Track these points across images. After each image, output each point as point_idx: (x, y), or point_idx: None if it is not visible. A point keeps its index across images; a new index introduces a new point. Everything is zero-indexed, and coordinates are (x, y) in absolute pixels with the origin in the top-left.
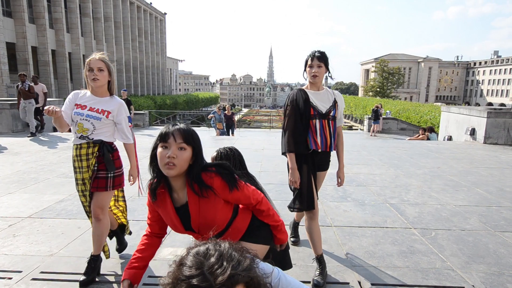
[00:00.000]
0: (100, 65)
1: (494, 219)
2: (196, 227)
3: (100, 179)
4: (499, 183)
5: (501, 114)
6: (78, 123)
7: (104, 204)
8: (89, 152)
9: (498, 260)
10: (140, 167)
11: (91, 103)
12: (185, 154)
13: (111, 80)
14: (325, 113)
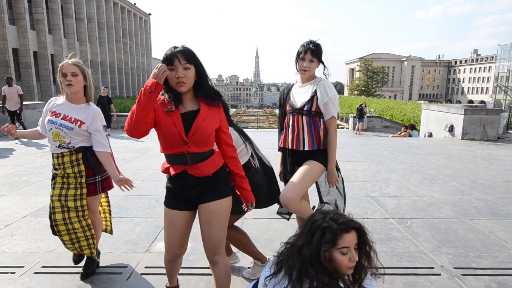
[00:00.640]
0: (73, 70)
1: (465, 208)
2: (192, 132)
3: (89, 185)
4: (473, 176)
5: (477, 111)
6: (53, 132)
7: (95, 207)
8: (73, 159)
9: (465, 243)
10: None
11: (65, 110)
12: (191, 72)
13: (88, 85)
14: (299, 107)
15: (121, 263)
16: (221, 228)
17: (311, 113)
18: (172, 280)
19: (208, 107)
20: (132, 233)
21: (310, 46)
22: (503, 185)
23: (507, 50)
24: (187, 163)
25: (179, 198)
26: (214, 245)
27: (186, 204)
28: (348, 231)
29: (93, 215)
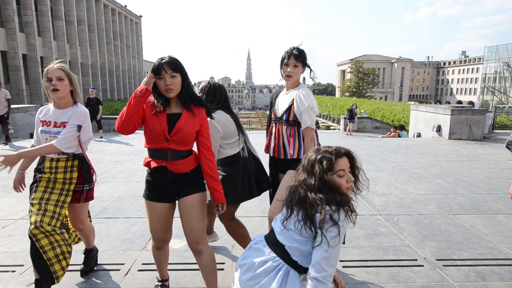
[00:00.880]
0: (59, 74)
1: (449, 205)
2: (174, 132)
3: (76, 192)
4: (458, 174)
5: (463, 111)
6: (49, 141)
7: (83, 217)
8: (68, 165)
9: (448, 237)
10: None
11: (54, 118)
12: (177, 80)
13: (74, 89)
14: (279, 116)
15: (118, 260)
16: (200, 219)
17: (289, 122)
18: (162, 273)
19: (189, 112)
20: (128, 232)
21: (294, 51)
22: (486, 183)
23: (493, 52)
24: (167, 159)
25: (159, 191)
26: (196, 236)
27: (165, 197)
28: (341, 156)
29: (83, 224)
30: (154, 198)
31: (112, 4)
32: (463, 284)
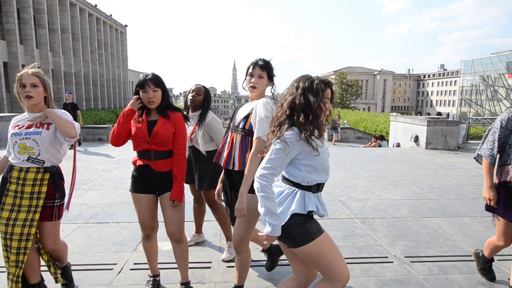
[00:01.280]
0: (33, 81)
1: (420, 209)
2: (152, 136)
3: (47, 208)
4: (431, 181)
5: (438, 122)
6: (19, 144)
7: (56, 237)
8: (38, 177)
9: (417, 237)
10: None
11: (28, 121)
12: (158, 94)
13: (48, 96)
14: (236, 125)
15: (111, 261)
16: (180, 212)
17: (244, 131)
18: (153, 268)
19: (165, 118)
20: (119, 236)
21: (259, 61)
22: (455, 189)
23: (469, 66)
24: (151, 159)
25: (142, 184)
26: (177, 227)
27: (148, 190)
28: (329, 87)
29: (57, 244)
30: (138, 190)
31: (97, 13)
32: (426, 277)
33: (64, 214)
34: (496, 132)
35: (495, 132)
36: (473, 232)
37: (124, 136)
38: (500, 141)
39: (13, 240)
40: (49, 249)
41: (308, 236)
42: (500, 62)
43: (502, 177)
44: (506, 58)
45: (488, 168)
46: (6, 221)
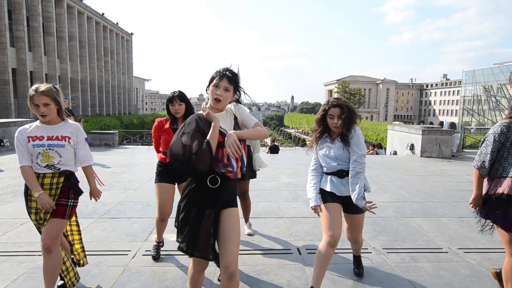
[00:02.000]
0: (45, 101)
1: (404, 210)
2: None
3: (60, 205)
4: (419, 186)
5: (433, 131)
6: (42, 154)
7: (57, 233)
8: (53, 182)
9: (396, 233)
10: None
11: (46, 132)
12: (183, 107)
13: (60, 108)
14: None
15: (125, 248)
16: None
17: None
18: (159, 237)
19: None
20: (131, 229)
21: (226, 73)
22: (441, 193)
23: (471, 76)
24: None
25: (167, 176)
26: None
27: (170, 180)
28: (334, 107)
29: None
30: (163, 181)
31: (104, 21)
32: (398, 264)
33: (81, 210)
34: (489, 145)
35: (487, 145)
36: (448, 230)
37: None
38: (493, 154)
39: None
40: (45, 245)
41: None
42: (502, 73)
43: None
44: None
45: (477, 179)
46: (37, 222)
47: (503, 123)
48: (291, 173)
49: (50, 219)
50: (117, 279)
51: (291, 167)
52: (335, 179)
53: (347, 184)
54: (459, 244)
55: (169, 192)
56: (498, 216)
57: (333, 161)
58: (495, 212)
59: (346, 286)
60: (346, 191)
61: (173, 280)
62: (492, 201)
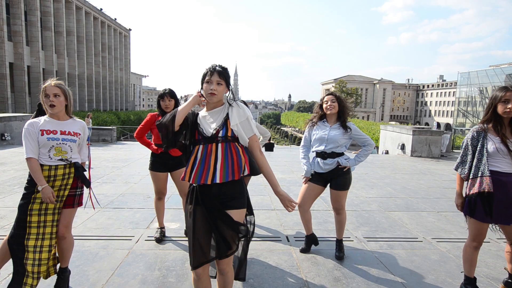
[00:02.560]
0: (56, 91)
1: (388, 205)
2: None
3: (69, 197)
4: (405, 183)
5: (423, 132)
6: (55, 148)
7: (68, 222)
8: (66, 172)
9: (377, 225)
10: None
11: (58, 127)
12: (172, 103)
13: (68, 104)
14: (211, 136)
15: (129, 234)
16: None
17: (227, 138)
18: (160, 222)
19: None
20: (133, 218)
21: (217, 68)
22: (424, 190)
23: (466, 78)
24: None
25: (161, 165)
26: (185, 191)
27: (164, 169)
28: (328, 94)
29: (68, 230)
30: (158, 169)
31: (102, 17)
32: (375, 251)
33: (85, 200)
34: (465, 150)
35: (465, 150)
36: (426, 222)
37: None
38: (470, 157)
39: (46, 227)
40: (60, 233)
41: None
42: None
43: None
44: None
45: (458, 180)
46: (38, 212)
47: (474, 128)
48: (284, 170)
49: (62, 210)
50: (123, 260)
51: (284, 164)
52: (319, 160)
53: (329, 163)
54: (434, 235)
55: (163, 180)
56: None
57: (323, 142)
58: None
59: (327, 267)
60: (328, 168)
61: (173, 261)
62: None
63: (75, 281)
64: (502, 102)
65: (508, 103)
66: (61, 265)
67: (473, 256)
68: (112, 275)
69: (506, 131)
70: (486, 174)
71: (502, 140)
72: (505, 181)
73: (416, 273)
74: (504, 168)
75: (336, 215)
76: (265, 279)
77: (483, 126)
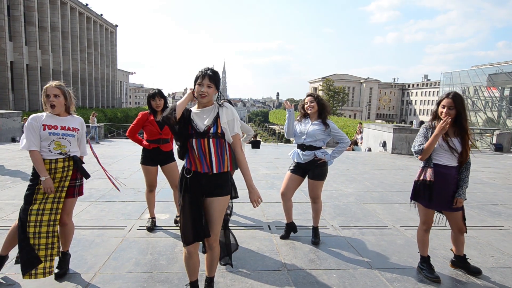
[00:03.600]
0: (56, 92)
1: (364, 198)
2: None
3: (70, 187)
4: (383, 179)
5: (403, 130)
6: (55, 142)
7: (71, 210)
8: (65, 165)
9: (352, 215)
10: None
11: (59, 122)
12: (162, 102)
13: (68, 103)
14: (203, 131)
15: (121, 224)
16: (176, 174)
17: (217, 135)
18: (151, 212)
19: None
20: (125, 210)
21: (208, 72)
22: (400, 184)
23: (448, 78)
24: (160, 143)
25: (152, 160)
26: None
27: (155, 163)
28: (308, 96)
29: (69, 218)
30: (149, 164)
31: (87, 12)
32: (348, 237)
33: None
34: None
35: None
36: (397, 213)
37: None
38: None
39: (44, 215)
40: (62, 220)
41: None
42: (477, 76)
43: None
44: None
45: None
46: (40, 201)
47: (425, 124)
48: (269, 166)
49: (64, 199)
50: (117, 246)
51: (270, 161)
52: (299, 151)
53: (307, 155)
54: (402, 223)
55: (154, 173)
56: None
57: (303, 135)
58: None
59: (304, 251)
60: (306, 158)
61: (164, 247)
62: (418, 185)
63: (75, 264)
64: (442, 106)
65: (444, 108)
66: (63, 248)
67: (425, 238)
68: (108, 259)
69: (448, 130)
70: (430, 165)
71: (444, 138)
72: (445, 173)
73: (382, 255)
74: (445, 162)
75: (312, 204)
76: (247, 261)
77: (431, 123)
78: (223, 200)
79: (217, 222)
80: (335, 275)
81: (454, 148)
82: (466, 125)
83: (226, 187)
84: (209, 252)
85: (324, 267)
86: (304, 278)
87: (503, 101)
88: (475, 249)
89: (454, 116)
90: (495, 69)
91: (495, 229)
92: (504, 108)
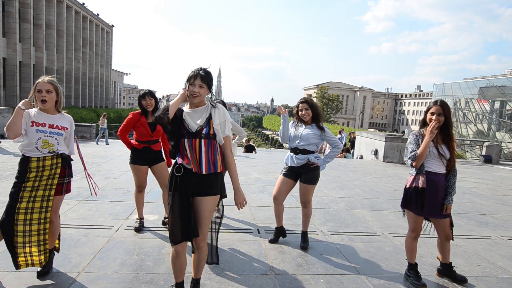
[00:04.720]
0: (48, 87)
1: (354, 204)
2: (154, 132)
3: (58, 185)
4: (373, 186)
5: (395, 139)
6: (42, 140)
7: (58, 207)
8: (53, 162)
9: (342, 221)
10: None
11: (47, 120)
12: (153, 102)
13: (58, 100)
14: (195, 131)
15: (109, 224)
16: (166, 175)
17: (209, 136)
18: (140, 213)
19: None
20: (113, 209)
21: (200, 72)
22: (390, 192)
23: (440, 89)
24: (150, 143)
25: (142, 159)
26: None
27: (144, 163)
28: (302, 103)
29: (56, 215)
30: (138, 163)
31: (83, 11)
32: (337, 243)
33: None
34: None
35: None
36: (386, 220)
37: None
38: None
39: (34, 213)
40: (50, 218)
41: None
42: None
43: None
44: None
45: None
46: (28, 199)
47: (414, 132)
48: (261, 170)
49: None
50: (103, 246)
51: (262, 165)
52: (293, 155)
53: (300, 158)
54: (391, 231)
55: (144, 172)
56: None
57: (297, 139)
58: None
59: (292, 255)
60: (299, 162)
61: (151, 248)
62: (409, 192)
63: (58, 263)
64: (430, 113)
65: (433, 115)
66: (48, 246)
67: (413, 245)
68: (93, 259)
69: (437, 137)
70: (423, 172)
71: (435, 144)
72: (435, 180)
73: (370, 261)
74: (435, 168)
75: (303, 208)
76: (235, 264)
77: (420, 131)
78: (212, 200)
79: (206, 221)
80: (322, 280)
81: (443, 154)
82: (451, 132)
83: (216, 187)
84: (196, 252)
85: (312, 272)
86: (291, 282)
87: (493, 114)
88: (462, 258)
89: (443, 122)
90: (486, 82)
91: (482, 239)
92: (494, 121)
